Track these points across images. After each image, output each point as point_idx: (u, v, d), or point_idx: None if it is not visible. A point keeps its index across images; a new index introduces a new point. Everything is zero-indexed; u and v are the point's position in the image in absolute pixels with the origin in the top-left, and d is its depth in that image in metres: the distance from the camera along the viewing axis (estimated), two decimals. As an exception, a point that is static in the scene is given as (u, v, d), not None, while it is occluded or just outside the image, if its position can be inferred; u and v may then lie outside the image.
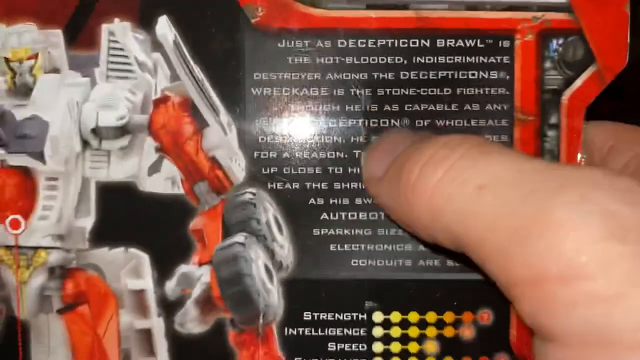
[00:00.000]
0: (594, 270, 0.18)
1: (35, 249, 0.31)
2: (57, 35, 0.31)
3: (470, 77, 0.31)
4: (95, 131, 0.31)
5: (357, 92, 0.31)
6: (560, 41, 0.31)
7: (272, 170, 0.31)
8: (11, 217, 0.31)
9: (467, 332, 0.31)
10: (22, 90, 0.31)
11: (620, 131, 0.31)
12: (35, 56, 0.31)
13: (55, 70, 0.31)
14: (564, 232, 0.18)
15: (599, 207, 0.18)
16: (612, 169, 0.20)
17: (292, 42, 0.31)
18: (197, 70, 0.30)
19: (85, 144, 0.31)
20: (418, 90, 0.31)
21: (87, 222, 0.31)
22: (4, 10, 0.31)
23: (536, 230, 0.19)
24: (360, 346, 0.31)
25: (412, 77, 0.31)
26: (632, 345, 0.17)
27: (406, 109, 0.31)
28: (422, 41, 0.31)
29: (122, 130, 0.31)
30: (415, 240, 0.31)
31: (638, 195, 0.18)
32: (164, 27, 0.30)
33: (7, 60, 0.31)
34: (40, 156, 0.30)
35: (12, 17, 0.31)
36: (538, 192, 0.19)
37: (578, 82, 0.31)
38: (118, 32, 0.30)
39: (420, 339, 0.31)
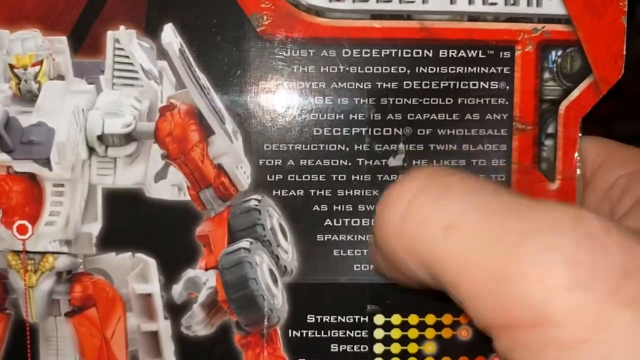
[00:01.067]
0: (560, 318, 0.18)
1: (43, 253, 0.31)
2: (61, 41, 0.30)
3: (471, 87, 0.31)
4: (101, 138, 0.30)
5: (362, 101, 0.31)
6: (559, 52, 0.31)
7: (277, 178, 0.31)
8: (18, 222, 0.31)
9: (465, 333, 0.32)
10: (28, 97, 0.30)
11: (612, 148, 0.32)
12: (40, 63, 0.30)
13: (60, 77, 0.31)
14: (531, 281, 0.19)
15: (564, 255, 0.18)
16: (577, 207, 0.20)
17: (297, 51, 0.30)
18: (202, 78, 0.30)
19: (91, 150, 0.31)
20: (420, 100, 0.31)
21: (94, 227, 0.31)
22: (8, 16, 0.30)
23: (505, 278, 0.19)
24: (361, 347, 0.32)
25: (414, 87, 0.31)
26: None
27: (409, 118, 0.31)
28: (425, 51, 0.31)
29: (128, 138, 0.30)
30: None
31: (598, 240, 0.19)
32: (170, 35, 0.30)
33: (11, 66, 0.30)
34: (46, 162, 0.30)
35: (16, 23, 0.30)
36: (505, 238, 0.19)
37: (575, 93, 0.31)
38: (123, 39, 0.30)
39: (420, 340, 0.32)
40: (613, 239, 0.19)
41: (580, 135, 0.31)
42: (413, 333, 0.32)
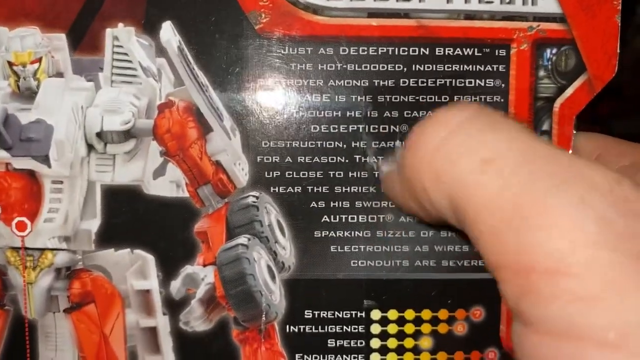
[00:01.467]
0: (580, 270, 0.18)
1: (42, 250, 0.31)
2: (60, 39, 0.30)
3: (467, 84, 0.31)
4: (100, 135, 0.30)
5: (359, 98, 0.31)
6: (554, 50, 0.31)
7: (274, 174, 0.31)
8: (17, 219, 0.31)
9: (460, 328, 0.32)
10: (27, 94, 0.30)
11: (607, 142, 0.32)
12: (39, 60, 0.30)
13: (59, 75, 0.31)
14: (559, 230, 0.18)
15: (596, 212, 0.18)
16: (614, 172, 0.20)
17: (295, 48, 0.30)
18: (201, 75, 0.30)
19: (90, 147, 0.31)
20: (417, 97, 0.31)
21: (93, 224, 0.31)
22: (7, 13, 0.30)
23: (533, 222, 0.19)
24: (358, 342, 0.32)
25: (411, 84, 0.31)
26: (600, 343, 0.18)
27: (405, 115, 0.31)
28: (422, 49, 0.31)
29: (127, 135, 0.30)
30: (413, 241, 0.32)
31: (634, 204, 0.19)
32: (169, 32, 0.30)
33: (10, 64, 0.30)
34: (45, 159, 0.30)
35: (15, 20, 0.30)
36: (540, 183, 0.19)
37: (569, 91, 0.31)
38: (122, 36, 0.30)
39: (416, 335, 0.32)
40: None
41: (574, 132, 0.31)
42: (409, 328, 0.32)
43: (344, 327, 0.32)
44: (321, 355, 0.32)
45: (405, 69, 0.31)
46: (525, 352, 0.20)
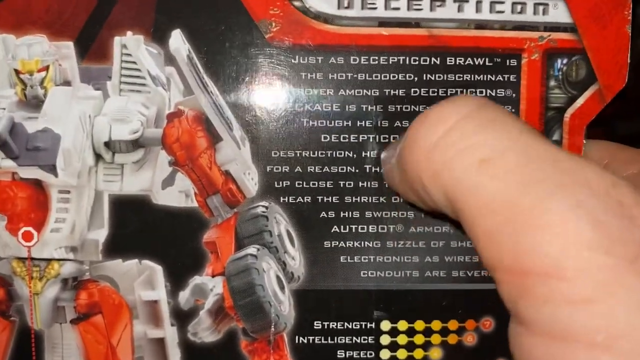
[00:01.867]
0: (573, 274, 0.18)
1: (49, 260, 0.30)
2: (68, 47, 0.30)
3: (478, 94, 0.31)
4: (108, 145, 0.30)
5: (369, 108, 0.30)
6: (565, 60, 0.31)
7: (284, 184, 0.31)
8: (24, 229, 0.30)
9: (470, 339, 0.32)
10: (33, 103, 0.30)
11: (615, 150, 0.32)
12: (46, 68, 0.30)
13: (67, 83, 0.30)
14: (554, 233, 0.19)
15: (592, 216, 0.19)
16: (611, 173, 0.20)
17: (305, 57, 0.30)
18: (210, 84, 0.30)
19: (98, 157, 0.30)
20: (428, 107, 0.31)
21: (101, 234, 0.30)
22: (14, 21, 0.29)
23: (528, 225, 0.19)
24: (368, 353, 0.32)
25: (422, 94, 0.31)
26: (589, 345, 0.18)
27: (418, 117, 0.31)
28: (433, 59, 0.30)
29: (136, 144, 0.30)
30: (423, 251, 0.31)
31: (628, 209, 0.19)
32: (178, 41, 0.29)
33: (17, 72, 0.30)
34: (52, 169, 0.29)
35: (22, 28, 0.29)
36: (539, 186, 0.19)
37: (580, 101, 0.31)
38: (131, 45, 0.29)
39: (426, 346, 0.32)
40: None
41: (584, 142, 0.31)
42: (419, 339, 0.32)
43: (354, 338, 0.31)
44: (330, 366, 0.32)
45: (416, 78, 0.30)
46: (521, 351, 0.20)
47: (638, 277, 0.18)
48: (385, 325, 0.31)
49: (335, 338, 0.31)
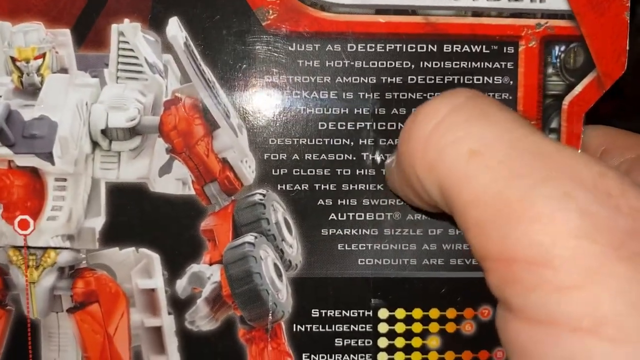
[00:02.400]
0: (560, 262, 0.19)
1: (45, 249, 0.30)
2: (65, 34, 0.29)
3: (475, 82, 0.31)
4: (105, 132, 0.30)
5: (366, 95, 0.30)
6: (563, 48, 0.31)
7: (281, 172, 0.31)
8: (20, 217, 0.30)
9: (468, 328, 0.32)
10: (30, 90, 0.30)
11: (614, 136, 0.32)
12: (43, 56, 0.29)
13: (64, 70, 0.30)
14: (541, 222, 0.19)
15: (579, 206, 0.19)
16: (600, 162, 0.20)
17: (302, 45, 0.30)
18: (207, 72, 0.30)
19: (95, 145, 0.30)
20: (425, 94, 0.30)
21: (97, 222, 0.30)
22: (10, 8, 0.29)
23: (517, 216, 0.19)
24: (366, 341, 0.32)
25: (419, 81, 0.30)
26: (575, 329, 0.18)
27: (413, 112, 0.31)
28: (430, 46, 0.30)
29: (133, 132, 0.30)
30: (420, 239, 0.31)
31: (616, 199, 0.19)
32: (175, 28, 0.29)
33: (13, 59, 0.29)
34: (49, 157, 0.29)
35: (18, 15, 0.29)
36: (527, 177, 0.20)
37: (578, 88, 0.31)
38: (128, 32, 0.29)
39: (424, 334, 0.32)
40: (629, 201, 0.19)
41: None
42: (417, 327, 0.32)
43: (352, 326, 0.31)
44: (328, 355, 0.31)
45: (413, 66, 0.30)
46: (508, 337, 0.21)
47: (623, 263, 0.18)
48: (383, 313, 0.31)
49: (333, 326, 0.31)
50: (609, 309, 0.18)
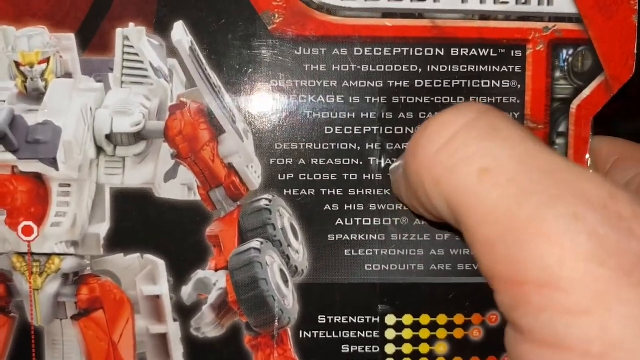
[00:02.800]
0: (569, 285, 0.18)
1: (49, 255, 0.30)
2: (69, 38, 0.29)
3: (482, 85, 0.30)
4: (110, 137, 0.29)
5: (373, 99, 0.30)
6: (570, 51, 0.30)
7: (288, 177, 0.30)
8: (24, 223, 0.30)
9: (476, 334, 0.31)
10: (34, 95, 0.29)
11: (624, 148, 0.31)
12: (47, 60, 0.29)
13: (68, 75, 0.29)
14: (551, 243, 0.19)
15: (589, 227, 0.19)
16: (611, 182, 0.20)
17: (309, 49, 0.30)
18: (213, 76, 0.29)
19: (99, 150, 0.30)
20: (432, 98, 0.30)
21: (102, 228, 0.30)
22: (14, 12, 0.29)
23: (526, 236, 0.19)
24: (373, 348, 0.31)
25: (426, 85, 0.30)
26: (584, 354, 0.18)
27: (420, 116, 0.30)
28: (437, 50, 0.30)
29: (138, 137, 0.29)
30: (427, 244, 0.31)
31: (626, 223, 0.19)
32: (180, 32, 0.29)
33: (17, 64, 0.29)
34: (53, 162, 0.29)
35: (22, 19, 0.29)
36: (537, 196, 0.19)
37: (586, 92, 0.30)
38: (133, 36, 0.29)
39: (431, 341, 0.31)
40: None
41: (592, 135, 0.31)
42: (424, 333, 0.31)
43: (358, 332, 0.31)
44: (335, 362, 0.31)
45: (420, 69, 0.30)
46: (516, 356, 0.21)
47: (634, 289, 0.18)
48: (390, 319, 0.31)
49: (340, 332, 0.31)
50: (618, 334, 0.18)
